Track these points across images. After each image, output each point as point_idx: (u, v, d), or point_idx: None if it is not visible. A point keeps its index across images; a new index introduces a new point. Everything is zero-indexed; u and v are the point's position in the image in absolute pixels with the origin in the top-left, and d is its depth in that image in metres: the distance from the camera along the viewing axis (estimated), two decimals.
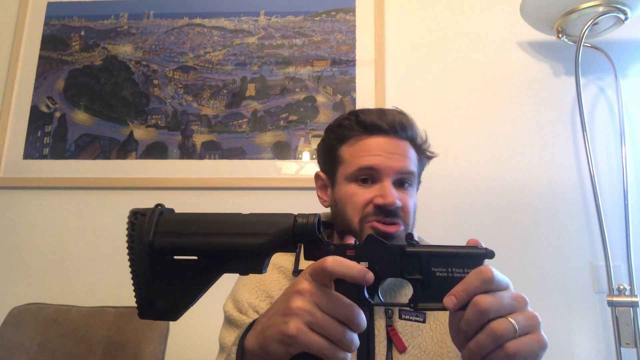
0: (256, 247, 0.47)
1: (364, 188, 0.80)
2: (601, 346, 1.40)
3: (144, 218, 0.48)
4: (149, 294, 0.47)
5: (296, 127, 1.61)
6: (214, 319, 0.92)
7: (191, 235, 0.48)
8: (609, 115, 1.56)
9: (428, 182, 1.51)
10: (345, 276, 0.45)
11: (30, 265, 1.56)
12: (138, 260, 0.47)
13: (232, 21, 1.72)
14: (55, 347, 1.26)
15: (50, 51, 1.73)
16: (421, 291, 0.47)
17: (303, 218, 0.47)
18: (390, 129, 0.81)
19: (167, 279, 0.47)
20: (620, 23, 1.40)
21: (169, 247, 0.47)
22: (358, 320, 0.45)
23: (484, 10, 1.66)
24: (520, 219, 1.50)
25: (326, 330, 0.44)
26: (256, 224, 0.48)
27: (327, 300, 0.45)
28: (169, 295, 0.47)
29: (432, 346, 0.77)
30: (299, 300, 0.45)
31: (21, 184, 1.61)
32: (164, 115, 1.65)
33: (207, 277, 0.48)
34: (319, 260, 0.46)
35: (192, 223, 0.48)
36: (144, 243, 0.47)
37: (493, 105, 1.59)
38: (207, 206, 1.56)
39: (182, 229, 0.48)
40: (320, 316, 0.45)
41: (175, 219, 0.49)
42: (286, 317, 0.45)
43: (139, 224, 0.48)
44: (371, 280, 0.46)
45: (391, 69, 1.63)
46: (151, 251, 0.47)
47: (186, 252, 0.48)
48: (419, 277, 0.47)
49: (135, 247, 0.47)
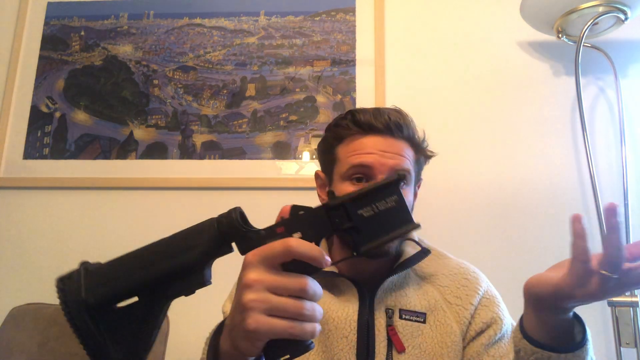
0: (191, 263, 0.46)
1: (357, 186, 0.80)
2: (601, 346, 1.40)
3: (71, 281, 0.46)
4: (101, 351, 0.45)
5: (296, 127, 1.61)
6: (213, 319, 0.92)
7: (122, 279, 0.46)
8: (609, 115, 1.56)
9: (428, 182, 1.51)
10: (308, 257, 0.45)
11: (30, 265, 1.56)
12: (79, 322, 0.45)
13: (232, 21, 1.72)
14: (55, 347, 1.26)
15: (50, 51, 1.73)
16: (357, 237, 0.47)
17: (224, 217, 0.47)
18: (385, 128, 0.81)
19: (114, 330, 0.45)
20: (620, 23, 1.40)
21: (104, 298, 0.45)
22: (313, 289, 0.45)
23: (484, 10, 1.66)
24: (520, 218, 1.50)
25: (284, 310, 0.44)
26: (180, 241, 0.47)
27: (278, 282, 0.44)
28: (123, 345, 0.45)
29: (432, 346, 0.77)
30: (250, 292, 0.44)
31: (21, 184, 1.61)
32: (164, 115, 1.65)
33: (154, 312, 0.46)
34: (272, 244, 0.45)
35: (119, 267, 0.47)
36: (79, 303, 0.45)
37: (493, 105, 1.59)
38: (207, 206, 1.56)
39: (111, 277, 0.46)
40: (275, 300, 0.44)
41: (101, 270, 0.47)
42: (243, 314, 0.44)
43: (68, 288, 0.46)
44: (329, 263, 0.46)
45: (391, 69, 1.63)
46: (88, 309, 0.45)
47: (123, 296, 0.46)
48: (350, 225, 0.47)
49: (73, 311, 0.45)
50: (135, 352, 0.46)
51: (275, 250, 0.45)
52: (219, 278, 0.97)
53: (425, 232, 0.93)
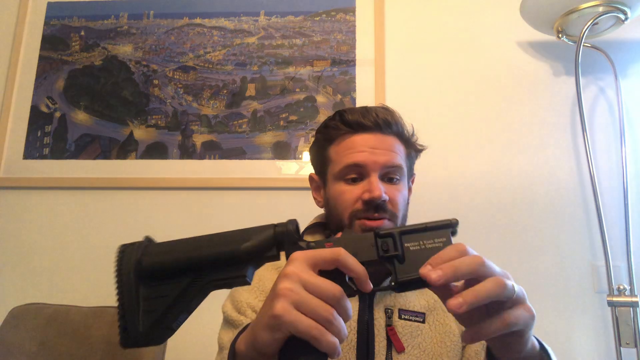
0: (240, 253, 0.48)
1: (352, 185, 0.81)
2: (601, 346, 1.40)
3: (132, 247, 0.50)
4: (131, 317, 0.47)
5: (296, 127, 1.61)
6: (213, 319, 0.92)
7: (175, 254, 0.49)
8: (609, 115, 1.56)
9: (428, 181, 1.51)
10: (353, 271, 0.46)
11: (30, 265, 1.56)
12: (125, 281, 0.48)
13: (232, 21, 1.72)
14: (55, 347, 1.26)
15: (50, 51, 1.73)
16: (399, 266, 0.49)
17: (281, 226, 0.50)
18: (374, 125, 0.82)
19: (150, 300, 0.48)
20: (620, 23, 1.40)
21: (155, 265, 0.49)
22: (345, 304, 0.45)
23: (484, 10, 1.66)
24: (520, 218, 1.50)
25: (312, 308, 0.44)
26: (237, 233, 0.50)
27: (314, 281, 0.45)
28: (150, 317, 0.47)
29: (432, 346, 0.77)
30: (285, 281, 0.45)
31: (21, 184, 1.62)
32: (164, 115, 1.65)
33: (190, 295, 0.48)
34: (321, 249, 0.47)
35: (177, 244, 0.50)
36: (131, 263, 0.48)
37: (493, 105, 1.59)
38: (207, 206, 1.56)
39: (167, 250, 0.50)
40: (306, 295, 0.44)
41: (161, 244, 0.51)
42: (273, 301, 0.44)
43: (127, 251, 0.50)
44: (369, 288, 0.47)
45: (391, 69, 1.63)
46: (138, 272, 0.48)
47: (172, 271, 0.48)
48: (395, 253, 0.49)
49: (123, 270, 0.48)
50: (157, 328, 0.47)
51: (323, 254, 0.46)
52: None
53: None
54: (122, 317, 0.48)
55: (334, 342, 0.43)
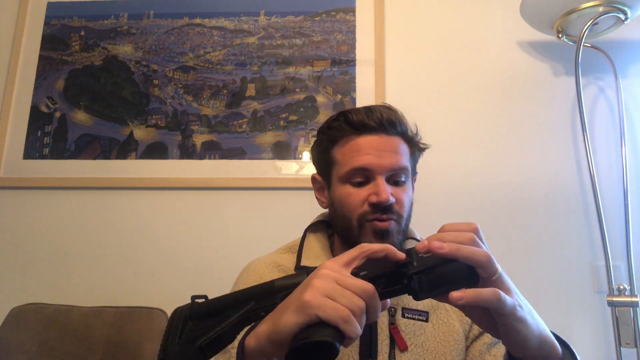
0: (274, 287, 0.53)
1: (358, 188, 0.80)
2: (601, 346, 1.40)
3: (184, 306, 0.56)
4: (173, 340, 0.53)
5: (296, 127, 1.61)
6: None
7: (222, 298, 0.56)
8: (609, 115, 1.56)
9: (428, 181, 1.51)
10: (379, 250, 0.50)
11: (30, 265, 1.56)
12: (174, 323, 0.54)
13: (232, 21, 1.72)
14: (55, 347, 1.26)
15: (50, 51, 1.73)
16: (421, 283, 0.49)
17: None
18: (379, 126, 0.81)
19: (194, 331, 0.53)
20: (620, 23, 1.40)
21: (202, 307, 0.55)
22: (375, 302, 0.47)
23: (484, 10, 1.66)
24: (520, 218, 1.50)
25: (342, 297, 0.45)
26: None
27: (346, 278, 0.47)
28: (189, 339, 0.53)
29: (435, 345, 0.77)
30: (318, 279, 0.47)
31: (21, 184, 1.61)
32: (164, 115, 1.65)
33: (229, 326, 0.53)
34: (350, 250, 0.51)
35: (221, 297, 0.56)
36: (184, 310, 0.55)
37: (493, 105, 1.59)
38: (207, 206, 1.56)
39: (214, 300, 0.56)
40: (339, 289, 0.46)
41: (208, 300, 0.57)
42: (304, 291, 0.46)
43: (179, 310, 0.56)
44: (402, 256, 0.50)
45: (391, 69, 1.63)
46: (186, 318, 0.54)
47: (216, 308, 0.54)
48: (416, 270, 0.49)
49: (176, 315, 0.55)
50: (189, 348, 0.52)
51: (351, 253, 0.50)
52: (217, 280, 0.98)
53: (426, 232, 0.93)
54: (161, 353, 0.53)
55: (355, 324, 0.45)
